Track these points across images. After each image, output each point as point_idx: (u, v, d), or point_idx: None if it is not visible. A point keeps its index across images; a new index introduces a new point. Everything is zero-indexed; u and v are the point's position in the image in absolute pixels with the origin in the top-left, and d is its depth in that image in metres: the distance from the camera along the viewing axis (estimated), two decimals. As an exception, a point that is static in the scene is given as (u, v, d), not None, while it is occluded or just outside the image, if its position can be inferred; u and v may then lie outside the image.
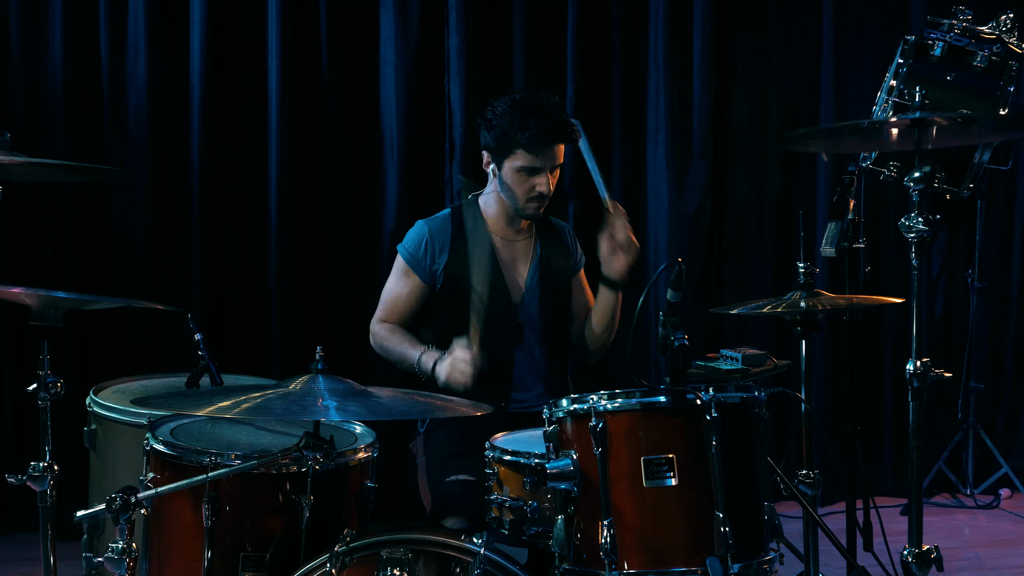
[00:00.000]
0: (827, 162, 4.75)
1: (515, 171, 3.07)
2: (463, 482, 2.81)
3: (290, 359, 4.31)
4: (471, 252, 3.13)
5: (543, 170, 3.06)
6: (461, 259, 3.14)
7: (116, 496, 2.26)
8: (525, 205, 3.12)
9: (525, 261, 3.24)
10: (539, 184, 3.07)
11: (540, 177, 3.07)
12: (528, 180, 3.08)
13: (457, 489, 2.83)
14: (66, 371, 4.05)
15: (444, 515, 2.80)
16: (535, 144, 3.02)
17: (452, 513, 2.79)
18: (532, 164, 3.05)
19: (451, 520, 2.77)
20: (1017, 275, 5.03)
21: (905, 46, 3.81)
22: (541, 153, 3.04)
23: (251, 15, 4.35)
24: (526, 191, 3.09)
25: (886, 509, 3.90)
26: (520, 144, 3.03)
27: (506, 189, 3.13)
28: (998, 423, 5.05)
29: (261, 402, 2.23)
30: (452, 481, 2.85)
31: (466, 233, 3.18)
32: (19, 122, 4.17)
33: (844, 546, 3.04)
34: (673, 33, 4.64)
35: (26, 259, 4.22)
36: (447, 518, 2.79)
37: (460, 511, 2.78)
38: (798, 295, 3.00)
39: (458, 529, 2.68)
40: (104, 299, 3.17)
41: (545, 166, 3.06)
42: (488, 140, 3.12)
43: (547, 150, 3.04)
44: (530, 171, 3.06)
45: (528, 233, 3.26)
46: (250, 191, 4.40)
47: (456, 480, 2.84)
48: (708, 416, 2.27)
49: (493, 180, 3.18)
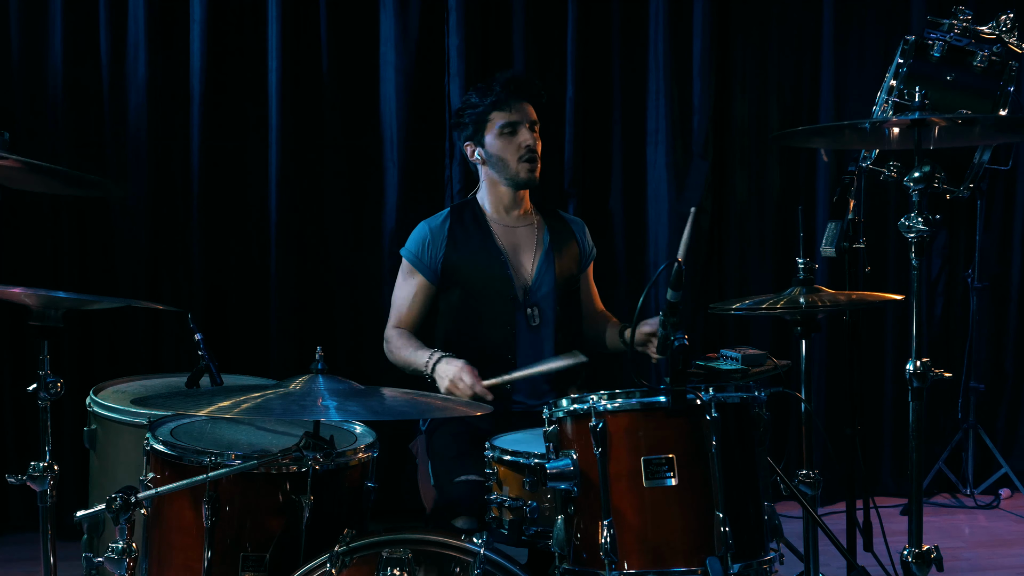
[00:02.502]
0: (827, 162, 4.75)
1: (496, 137, 3.18)
2: (472, 483, 2.81)
3: (290, 359, 4.31)
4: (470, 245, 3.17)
5: (521, 123, 3.18)
6: (459, 250, 3.18)
7: (116, 496, 2.26)
8: (519, 167, 3.18)
9: (530, 249, 3.25)
10: (523, 139, 3.17)
11: (521, 131, 3.18)
12: (511, 140, 3.17)
13: (466, 489, 2.83)
14: (66, 371, 4.05)
15: (454, 515, 2.81)
16: (504, 100, 3.17)
17: (462, 513, 2.80)
18: (508, 119, 3.17)
19: (461, 520, 2.78)
20: (1017, 275, 5.03)
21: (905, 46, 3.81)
22: (513, 107, 3.18)
23: (251, 15, 4.35)
24: (514, 151, 3.17)
25: (886, 509, 3.91)
26: (493, 107, 3.17)
27: (495, 162, 3.20)
28: (998, 423, 5.05)
29: (261, 402, 2.23)
30: (461, 481, 2.85)
31: (465, 224, 3.21)
32: (19, 122, 4.17)
33: (844, 546, 3.04)
34: (673, 33, 4.64)
35: (26, 259, 4.21)
36: (457, 518, 2.79)
37: (470, 511, 2.78)
38: (798, 291, 3.00)
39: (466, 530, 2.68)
40: (104, 299, 3.17)
41: (522, 120, 3.18)
42: (466, 131, 3.23)
43: (516, 103, 3.18)
44: (510, 128, 3.17)
45: (529, 220, 3.28)
46: (250, 191, 4.40)
47: (466, 480, 2.84)
48: (708, 416, 2.27)
49: (483, 169, 3.25)
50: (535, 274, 3.22)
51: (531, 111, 3.22)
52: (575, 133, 4.57)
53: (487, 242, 3.19)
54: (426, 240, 3.22)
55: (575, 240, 3.36)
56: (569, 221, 3.41)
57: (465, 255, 3.19)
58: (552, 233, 3.29)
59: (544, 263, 3.23)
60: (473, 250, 3.19)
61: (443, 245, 3.20)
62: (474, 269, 3.18)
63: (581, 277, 3.37)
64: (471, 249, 3.19)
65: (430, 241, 3.21)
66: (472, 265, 3.18)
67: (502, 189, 3.24)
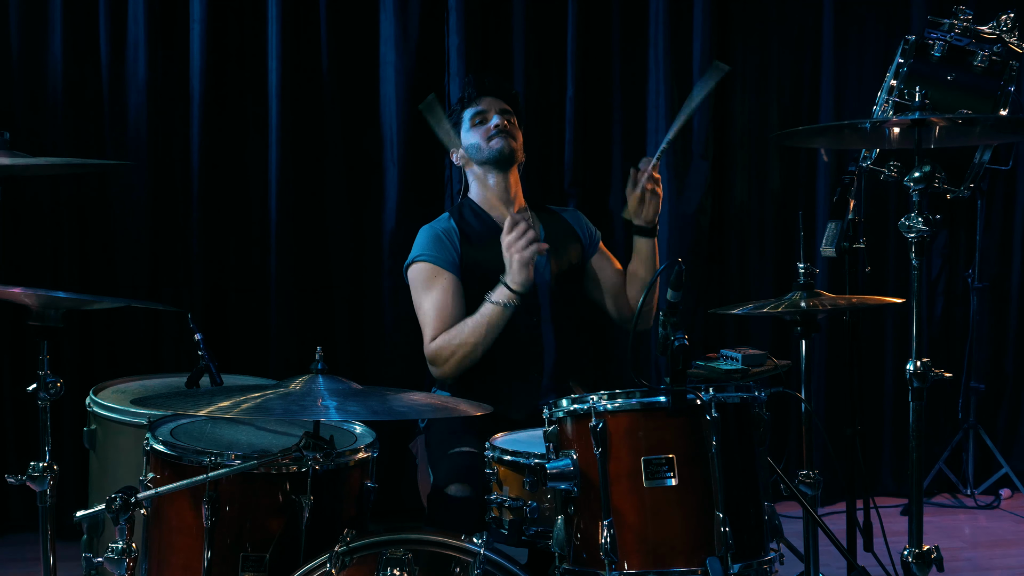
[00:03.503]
0: (827, 162, 4.75)
1: (469, 129, 3.27)
2: (466, 453, 2.82)
3: (290, 359, 4.31)
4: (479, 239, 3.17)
5: (489, 111, 3.27)
6: (473, 244, 3.18)
7: (116, 496, 2.26)
8: (489, 144, 3.24)
9: None
10: (491, 122, 3.26)
11: (489, 116, 3.27)
12: (482, 126, 3.27)
13: (460, 460, 2.84)
14: (66, 371, 4.05)
15: (448, 483, 2.80)
16: (473, 97, 3.29)
17: (457, 480, 2.79)
18: (476, 108, 3.28)
19: (455, 487, 2.78)
20: (1017, 275, 5.03)
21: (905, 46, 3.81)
22: (481, 100, 3.28)
23: (251, 15, 4.35)
24: (484, 133, 3.25)
25: (886, 509, 3.90)
26: (463, 105, 3.30)
27: (472, 149, 3.26)
28: (998, 423, 5.05)
29: (261, 402, 2.23)
30: (456, 452, 2.86)
31: (468, 221, 3.22)
32: (19, 122, 4.17)
33: (844, 546, 3.04)
34: (673, 33, 4.64)
35: (26, 259, 4.21)
36: (450, 485, 2.79)
37: (464, 479, 2.78)
38: (798, 295, 3.01)
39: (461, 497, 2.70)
40: (104, 299, 3.18)
41: (490, 108, 3.27)
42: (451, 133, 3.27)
43: (483, 98, 3.28)
44: (479, 118, 3.27)
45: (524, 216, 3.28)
46: (250, 191, 4.40)
47: (460, 452, 2.85)
48: (708, 416, 2.27)
49: (469, 172, 3.30)
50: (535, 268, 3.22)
51: (502, 103, 3.29)
52: (575, 133, 4.57)
53: (496, 235, 3.09)
54: (439, 238, 3.18)
55: (573, 232, 3.36)
56: (562, 214, 3.41)
57: (478, 250, 3.16)
58: (547, 229, 3.29)
59: (541, 258, 3.21)
60: (486, 244, 3.15)
61: (458, 240, 3.18)
62: (492, 262, 3.05)
63: (595, 260, 3.37)
64: (482, 244, 3.16)
65: (444, 239, 3.17)
66: (489, 258, 3.08)
67: (490, 181, 3.24)
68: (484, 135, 3.24)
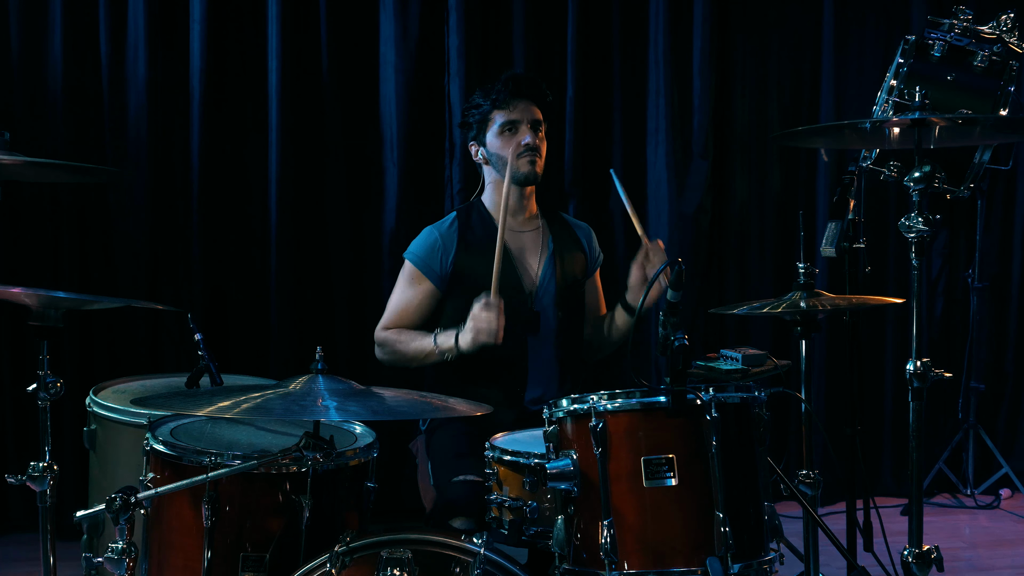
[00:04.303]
0: (827, 162, 4.75)
1: (497, 135, 3.18)
2: (470, 483, 2.80)
3: (290, 359, 4.31)
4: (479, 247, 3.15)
5: (521, 122, 3.17)
6: (469, 254, 3.16)
7: (116, 496, 2.25)
8: (518, 163, 3.17)
9: (535, 252, 3.25)
10: (522, 137, 3.16)
11: (521, 130, 3.17)
12: (511, 137, 3.17)
13: (464, 490, 2.82)
14: (66, 371, 4.05)
15: (451, 516, 2.81)
16: (505, 99, 3.16)
17: (459, 514, 2.79)
18: (508, 118, 3.17)
19: (459, 521, 2.78)
20: (1017, 275, 5.03)
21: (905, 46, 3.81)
22: (514, 106, 3.17)
23: (251, 15, 4.35)
24: (513, 148, 3.16)
25: (886, 509, 3.90)
26: (494, 105, 3.17)
27: (496, 160, 3.19)
28: (998, 423, 5.06)
29: (261, 402, 2.23)
30: (459, 482, 2.85)
31: (473, 227, 3.20)
32: (19, 122, 4.17)
33: (844, 546, 3.04)
34: (673, 33, 4.64)
35: (26, 259, 4.21)
36: (455, 519, 2.79)
37: (468, 512, 2.78)
38: (798, 295, 3.01)
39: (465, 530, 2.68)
40: (104, 299, 3.18)
41: (522, 119, 3.17)
42: (471, 131, 3.23)
43: (518, 102, 3.17)
44: (510, 127, 3.17)
45: (534, 224, 3.28)
46: (250, 191, 4.40)
47: (464, 481, 2.84)
48: (708, 416, 2.27)
49: (486, 169, 3.26)
50: (540, 278, 3.22)
51: (535, 111, 3.21)
52: (575, 133, 4.57)
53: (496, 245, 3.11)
54: (436, 246, 3.18)
55: (581, 246, 3.35)
56: (575, 227, 3.39)
57: (475, 258, 3.15)
58: (557, 238, 3.28)
59: (548, 267, 3.22)
60: (483, 253, 3.12)
61: (454, 250, 3.18)
62: (485, 272, 3.07)
63: (587, 283, 3.36)
64: (481, 252, 3.14)
65: (441, 247, 3.18)
66: (483, 268, 3.09)
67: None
68: (513, 150, 3.16)
